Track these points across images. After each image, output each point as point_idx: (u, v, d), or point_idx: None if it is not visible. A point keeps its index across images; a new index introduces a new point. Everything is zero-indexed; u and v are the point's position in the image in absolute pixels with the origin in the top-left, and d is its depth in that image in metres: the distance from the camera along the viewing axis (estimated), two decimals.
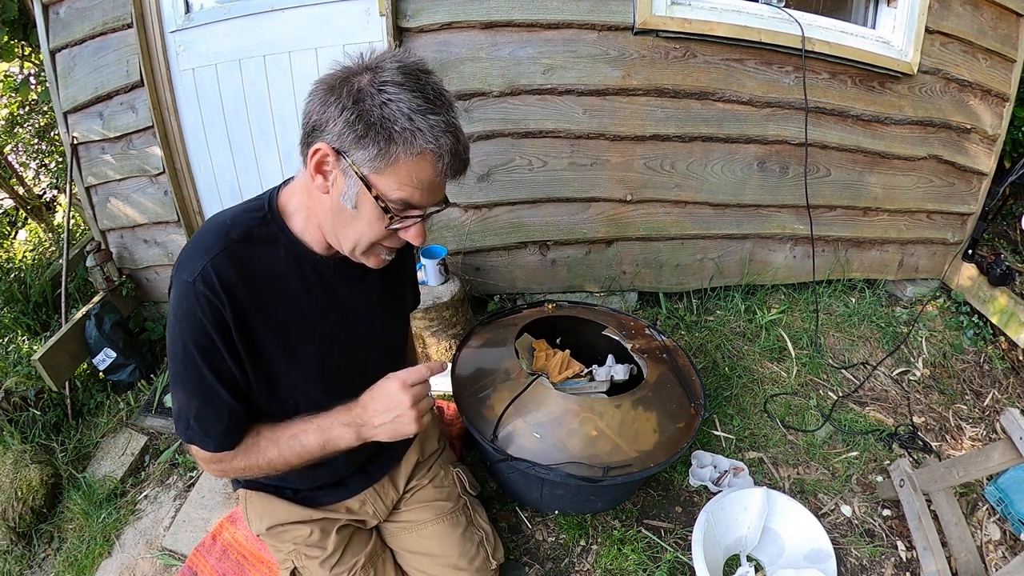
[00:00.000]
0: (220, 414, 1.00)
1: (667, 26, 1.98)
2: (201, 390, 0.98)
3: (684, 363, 1.76)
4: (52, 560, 1.84)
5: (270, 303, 0.99)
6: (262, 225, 0.98)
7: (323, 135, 0.85)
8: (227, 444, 1.03)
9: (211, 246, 0.94)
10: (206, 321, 0.92)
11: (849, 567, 1.61)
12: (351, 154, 0.84)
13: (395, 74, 0.81)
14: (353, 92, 0.81)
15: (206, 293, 0.91)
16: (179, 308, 0.94)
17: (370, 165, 0.83)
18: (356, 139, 0.82)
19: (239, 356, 0.98)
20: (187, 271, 0.92)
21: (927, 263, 2.67)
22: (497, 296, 2.47)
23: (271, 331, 1.00)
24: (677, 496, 1.78)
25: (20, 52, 3.30)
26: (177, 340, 0.95)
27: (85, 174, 2.46)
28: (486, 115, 2.08)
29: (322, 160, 0.86)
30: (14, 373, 2.25)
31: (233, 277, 0.94)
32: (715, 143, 2.21)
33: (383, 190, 0.86)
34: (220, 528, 1.61)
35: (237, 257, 0.95)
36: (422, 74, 0.84)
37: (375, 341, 1.17)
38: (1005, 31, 2.31)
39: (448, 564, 1.31)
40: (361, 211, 0.88)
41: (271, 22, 2.09)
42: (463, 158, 0.88)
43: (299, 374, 1.06)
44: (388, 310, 1.20)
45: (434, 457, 1.46)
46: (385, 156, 0.82)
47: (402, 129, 0.80)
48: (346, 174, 0.86)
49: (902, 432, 2.02)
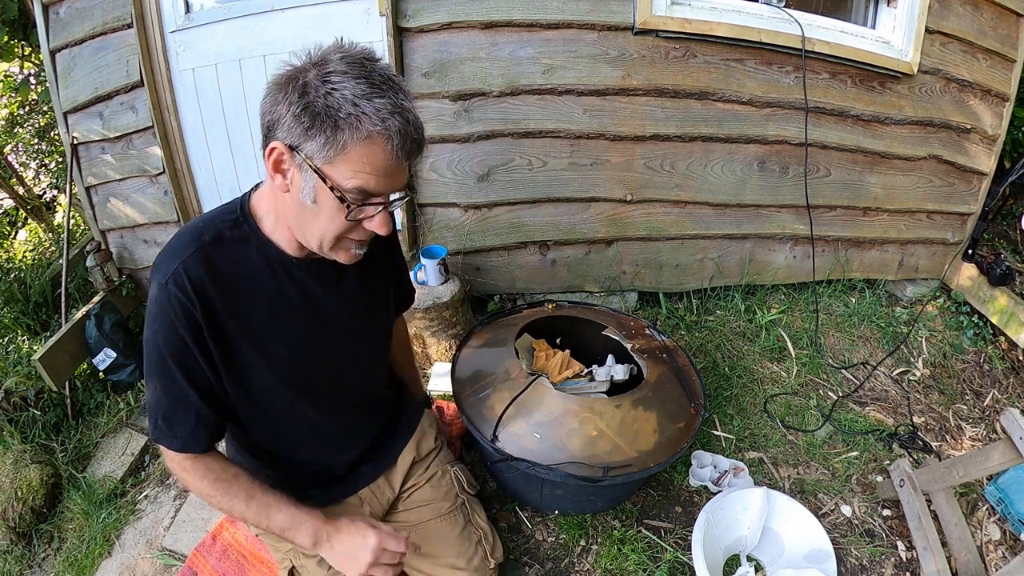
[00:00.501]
0: (188, 416, 1.01)
1: (667, 26, 1.98)
2: (171, 391, 0.99)
3: (684, 363, 1.76)
4: (52, 560, 1.84)
5: (242, 304, 1.00)
6: (234, 227, 0.99)
7: (276, 133, 0.85)
8: (192, 446, 1.03)
9: (183, 249, 0.95)
10: (178, 323, 0.94)
11: (849, 567, 1.61)
12: (302, 148, 0.84)
13: (339, 63, 0.82)
14: (299, 87, 0.82)
15: (177, 295, 0.92)
16: (153, 310, 0.95)
17: (321, 156, 0.83)
18: (304, 131, 0.82)
19: (212, 358, 0.99)
20: (160, 273, 0.94)
21: (927, 263, 2.67)
22: (497, 296, 2.47)
23: (243, 332, 1.01)
24: (677, 496, 1.77)
25: (20, 52, 3.30)
26: (150, 341, 0.97)
27: (85, 174, 2.47)
28: (486, 115, 2.08)
29: (278, 159, 0.87)
30: (14, 373, 2.25)
31: (204, 279, 0.94)
32: (715, 143, 2.21)
33: (337, 180, 0.85)
34: (220, 528, 1.61)
35: (208, 259, 0.95)
36: (368, 61, 0.84)
37: (353, 342, 1.17)
38: (1005, 31, 2.31)
39: (446, 564, 1.31)
40: (320, 205, 0.88)
41: (271, 22, 2.09)
42: (415, 138, 0.86)
43: (273, 376, 1.06)
44: (368, 309, 1.19)
45: (431, 456, 1.45)
46: (333, 144, 0.82)
47: (347, 115, 0.80)
48: (301, 169, 0.86)
49: (902, 432, 2.02)
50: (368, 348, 1.24)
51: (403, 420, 1.42)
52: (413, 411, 1.46)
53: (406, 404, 1.46)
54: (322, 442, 1.23)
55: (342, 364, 1.16)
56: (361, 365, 1.22)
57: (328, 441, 1.24)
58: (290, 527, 1.08)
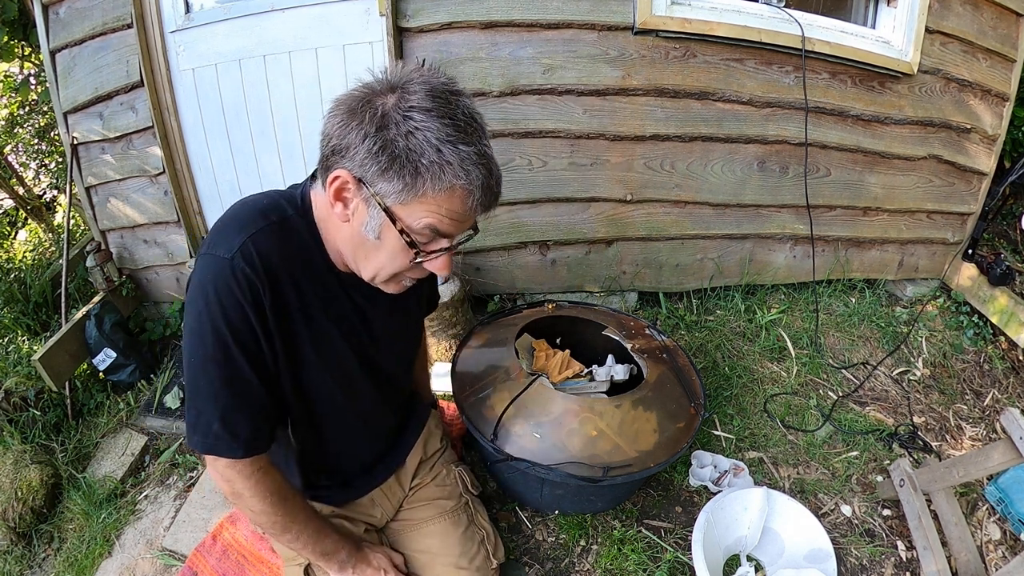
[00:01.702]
0: (251, 410, 0.91)
1: (667, 26, 1.98)
2: (234, 383, 0.88)
3: (684, 363, 1.76)
4: (52, 560, 1.84)
5: (304, 292, 0.94)
6: (297, 217, 0.92)
7: (344, 161, 0.79)
8: (256, 447, 0.94)
9: (250, 223, 0.86)
10: (243, 301, 0.84)
11: (849, 567, 1.61)
12: (374, 185, 0.78)
13: (423, 98, 0.75)
14: (376, 118, 0.75)
15: (245, 270, 0.83)
16: (210, 289, 0.84)
17: (395, 198, 0.78)
18: (380, 171, 0.76)
19: (274, 345, 0.91)
20: (223, 247, 0.84)
21: (927, 263, 2.67)
22: (497, 296, 2.47)
23: (307, 321, 0.95)
24: (677, 496, 1.77)
25: (20, 52, 3.30)
26: (205, 325, 0.85)
27: (85, 174, 2.46)
28: (486, 115, 2.02)
29: (342, 187, 0.81)
30: (14, 373, 2.25)
31: (274, 257, 0.87)
32: (715, 143, 2.21)
33: (408, 222, 0.80)
34: (220, 528, 1.61)
35: (276, 238, 0.88)
36: (452, 96, 0.77)
37: (386, 351, 1.16)
38: (1005, 31, 2.31)
39: (449, 563, 1.31)
40: (384, 242, 0.84)
41: (271, 22, 2.09)
42: (495, 192, 0.82)
43: (325, 371, 1.02)
44: (404, 315, 1.19)
45: (436, 456, 1.46)
46: (411, 190, 0.77)
47: (430, 163, 0.75)
48: (368, 204, 0.80)
49: (902, 432, 2.02)
50: (400, 353, 1.23)
51: (412, 420, 1.43)
52: (421, 411, 1.47)
53: (414, 405, 1.46)
54: (350, 444, 1.23)
55: (377, 371, 1.15)
56: (392, 374, 1.22)
57: (355, 443, 1.24)
58: (329, 553, 1.11)
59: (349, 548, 1.16)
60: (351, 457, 1.26)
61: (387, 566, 1.22)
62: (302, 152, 2.23)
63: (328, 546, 1.11)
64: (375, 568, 1.20)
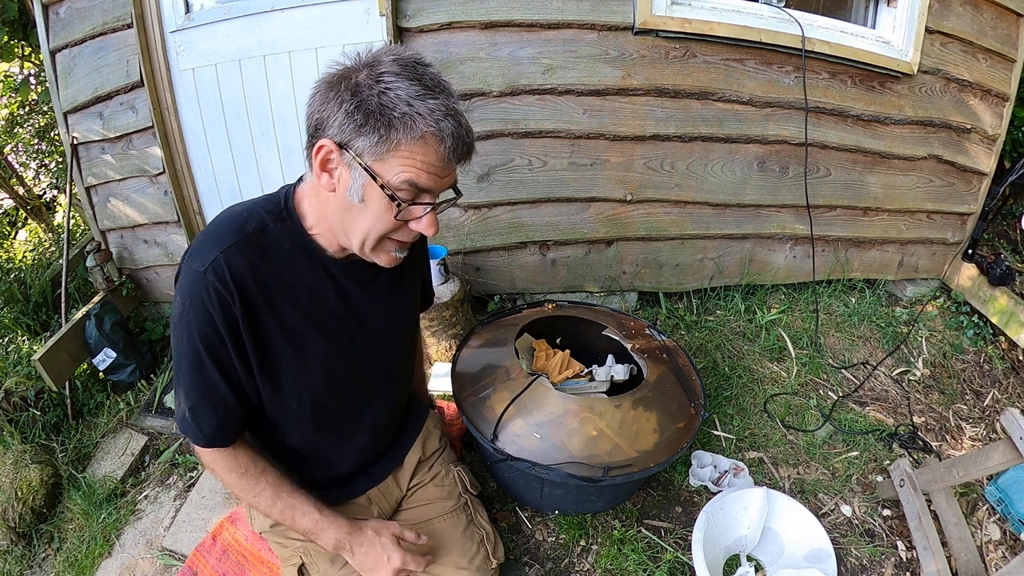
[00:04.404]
0: (216, 410, 0.99)
1: (667, 26, 1.98)
2: (200, 384, 0.96)
3: (684, 363, 1.76)
4: (52, 560, 1.84)
5: (282, 299, 0.98)
6: (277, 221, 0.97)
7: (325, 132, 0.85)
8: (218, 441, 1.02)
9: (225, 237, 0.92)
10: (214, 314, 0.91)
11: (849, 567, 1.61)
12: (353, 145, 0.83)
13: (391, 65, 0.82)
14: (351, 86, 0.82)
15: (216, 285, 0.90)
16: (187, 298, 0.92)
17: (372, 153, 0.83)
18: (356, 128, 0.82)
19: (245, 353, 0.97)
20: (198, 260, 0.90)
21: (927, 263, 2.67)
22: (497, 296, 2.47)
23: (282, 328, 0.99)
24: (677, 496, 1.77)
25: (20, 52, 3.30)
26: (182, 330, 0.93)
27: (85, 174, 2.47)
28: (486, 115, 2.08)
29: (326, 157, 0.86)
30: (14, 373, 2.25)
31: (245, 270, 0.92)
32: (715, 143, 2.21)
33: (387, 177, 0.85)
34: (220, 528, 1.61)
35: (251, 250, 0.93)
36: (419, 65, 0.84)
37: (382, 344, 1.17)
38: (1005, 31, 2.31)
39: (448, 563, 1.31)
40: (368, 203, 0.88)
41: (271, 22, 2.09)
42: (466, 142, 0.87)
43: (307, 373, 1.05)
44: (399, 312, 1.19)
45: (435, 456, 1.46)
46: (386, 141, 0.82)
47: (401, 114, 0.80)
48: (351, 167, 0.86)
49: (902, 432, 2.02)
50: (397, 351, 1.24)
51: (410, 420, 1.43)
52: (419, 411, 1.47)
53: (412, 405, 1.46)
54: (343, 443, 1.23)
55: (369, 367, 1.16)
56: (389, 368, 1.22)
57: (349, 443, 1.24)
58: (313, 532, 1.10)
59: (336, 532, 1.10)
60: (346, 457, 1.25)
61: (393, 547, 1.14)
62: (302, 152, 2.22)
63: (306, 525, 1.09)
64: (379, 550, 1.13)
